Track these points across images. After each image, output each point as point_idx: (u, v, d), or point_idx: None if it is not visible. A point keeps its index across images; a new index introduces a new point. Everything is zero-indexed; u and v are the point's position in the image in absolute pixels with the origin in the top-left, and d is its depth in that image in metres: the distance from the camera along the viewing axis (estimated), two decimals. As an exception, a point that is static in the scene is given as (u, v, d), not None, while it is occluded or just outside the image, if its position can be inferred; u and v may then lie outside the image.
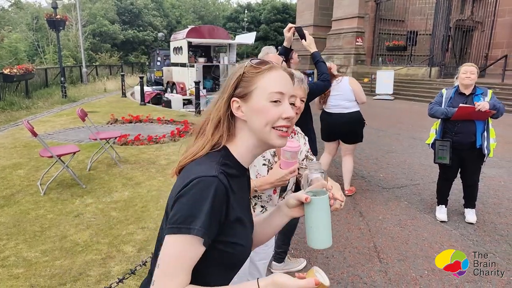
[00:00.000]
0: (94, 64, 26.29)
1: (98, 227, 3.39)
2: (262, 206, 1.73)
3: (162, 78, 15.29)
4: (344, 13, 18.03)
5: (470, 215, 3.63)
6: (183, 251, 0.80)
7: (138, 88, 13.05)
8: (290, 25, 2.69)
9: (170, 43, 13.70)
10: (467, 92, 3.42)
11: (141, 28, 37.42)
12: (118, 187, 4.39)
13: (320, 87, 2.68)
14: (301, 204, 0.96)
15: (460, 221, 3.66)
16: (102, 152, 5.32)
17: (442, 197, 3.76)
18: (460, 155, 3.48)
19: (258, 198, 1.73)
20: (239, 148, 0.92)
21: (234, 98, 0.90)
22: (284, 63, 2.54)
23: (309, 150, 1.83)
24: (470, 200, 3.65)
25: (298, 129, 1.83)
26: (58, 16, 12.37)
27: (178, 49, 12.68)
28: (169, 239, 0.81)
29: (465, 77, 3.35)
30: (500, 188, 4.54)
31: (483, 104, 3.17)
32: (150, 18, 38.46)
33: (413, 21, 17.53)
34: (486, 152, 3.36)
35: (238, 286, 0.86)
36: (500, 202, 4.11)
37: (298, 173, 1.65)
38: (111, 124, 8.59)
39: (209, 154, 0.90)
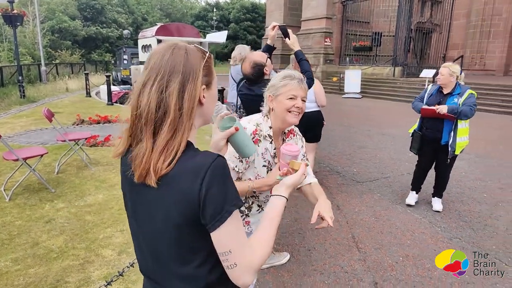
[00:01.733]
0: (54, 62, 25.04)
1: (73, 232, 3.27)
2: (258, 206, 1.76)
3: (130, 77, 14.85)
4: (313, 13, 18.40)
5: (437, 204, 3.87)
6: (238, 223, 0.86)
7: (104, 87, 12.59)
8: (274, 23, 2.73)
9: (138, 40, 13.33)
10: (446, 91, 3.60)
11: (104, 25, 36.13)
12: (91, 190, 4.25)
13: None
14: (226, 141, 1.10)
15: (428, 210, 3.88)
16: (71, 154, 5.12)
17: (415, 184, 4.05)
18: (433, 148, 3.73)
19: (256, 198, 1.75)
20: (192, 135, 0.92)
21: (203, 86, 0.91)
22: (269, 60, 2.58)
23: (305, 153, 1.85)
24: (439, 190, 3.91)
25: (296, 130, 1.83)
26: (15, 11, 11.67)
27: (147, 47, 12.37)
28: (224, 226, 0.82)
29: (437, 78, 3.64)
30: (462, 178, 4.85)
31: (441, 108, 3.43)
32: (114, 15, 37.23)
33: (377, 23, 18.22)
34: (450, 149, 3.57)
35: (268, 208, 1.03)
36: (462, 192, 4.40)
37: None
38: (77, 125, 8.25)
39: (186, 151, 0.85)
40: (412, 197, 4.03)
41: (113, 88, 12.54)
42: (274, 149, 1.63)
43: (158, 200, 0.86)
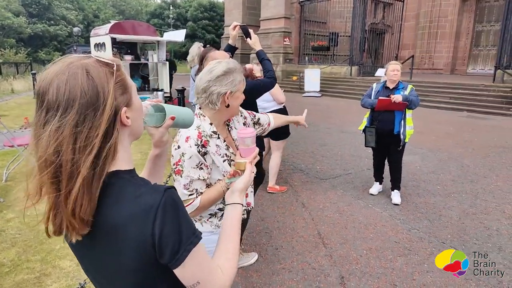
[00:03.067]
0: (-4, 61, 23.22)
1: (26, 244, 3.04)
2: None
3: (83, 77, 14.09)
4: (271, 13, 18.57)
5: (396, 197, 4.07)
6: (200, 255, 0.79)
7: (55, 88, 11.87)
8: (235, 23, 2.70)
9: (91, 38, 12.66)
10: (392, 86, 3.96)
11: (52, 22, 34.04)
12: (45, 198, 3.97)
13: (266, 84, 2.71)
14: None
15: (388, 203, 4.06)
16: (20, 160, 4.76)
17: (376, 175, 4.36)
18: (384, 140, 4.01)
19: None
20: (124, 159, 0.80)
21: (124, 109, 0.77)
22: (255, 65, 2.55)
23: (254, 117, 1.92)
24: (396, 181, 4.13)
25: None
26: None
27: (100, 46, 11.79)
28: (185, 263, 0.76)
29: (393, 74, 3.89)
30: (417, 172, 5.13)
31: (397, 97, 3.72)
32: (62, 11, 35.18)
33: (334, 23, 18.78)
34: (402, 137, 3.89)
35: (226, 219, 1.01)
36: (418, 185, 4.65)
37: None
38: (25, 128, 7.69)
39: (123, 188, 0.76)
40: (375, 188, 4.34)
41: (65, 88, 11.80)
42: (224, 141, 1.60)
43: (107, 252, 0.76)
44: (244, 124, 1.82)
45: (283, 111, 4.19)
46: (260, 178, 3.25)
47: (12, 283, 2.50)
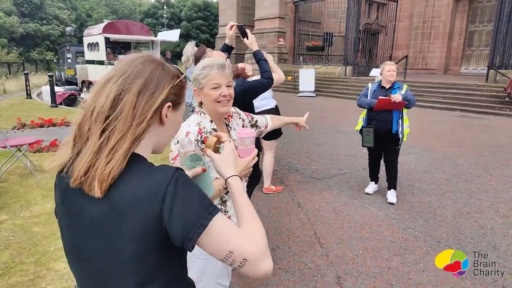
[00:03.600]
0: (-12, 61, 22.94)
1: (20, 246, 3.00)
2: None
3: (76, 77, 14.00)
4: (266, 13, 18.58)
5: (392, 196, 4.09)
6: (223, 223, 0.80)
7: (46, 88, 11.76)
8: (231, 23, 2.69)
9: (84, 38, 12.60)
10: (388, 86, 3.99)
11: (44, 21, 33.68)
12: (38, 200, 3.93)
13: (263, 85, 2.71)
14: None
15: (383, 203, 4.07)
16: (14, 161, 4.70)
17: (372, 175, 4.38)
18: (382, 139, 4.03)
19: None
20: (144, 151, 0.86)
21: (168, 103, 0.86)
22: (228, 60, 2.53)
23: (252, 119, 1.92)
24: (391, 180, 4.14)
25: (232, 109, 1.81)
26: None
27: (93, 45, 11.72)
28: (207, 235, 0.77)
29: (389, 75, 3.92)
30: (412, 171, 5.16)
31: (396, 96, 3.75)
32: (55, 11, 34.82)
33: (328, 23, 18.83)
34: (400, 136, 3.94)
35: (232, 193, 1.01)
36: (413, 184, 4.68)
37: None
38: (18, 129, 7.61)
39: (138, 165, 0.81)
40: (371, 187, 4.36)
41: (57, 88, 11.75)
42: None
43: (112, 225, 0.77)
44: (243, 126, 1.83)
45: (275, 110, 4.18)
46: (257, 178, 3.25)
47: (5, 285, 2.47)
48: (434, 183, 4.70)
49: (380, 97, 3.86)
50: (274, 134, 4.23)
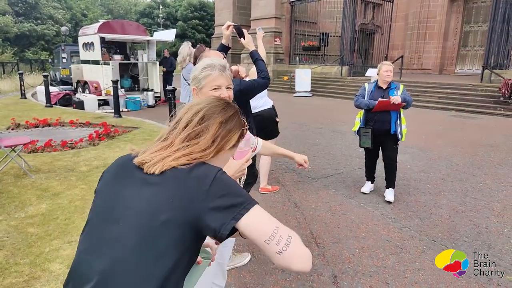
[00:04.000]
0: (-18, 61, 22.75)
1: (14, 247, 2.97)
2: None
3: (70, 76, 13.91)
4: (262, 13, 18.57)
5: (389, 195, 4.10)
6: (264, 214, 0.89)
7: (41, 88, 11.67)
8: (228, 23, 2.69)
9: (79, 38, 12.51)
10: (384, 86, 4.00)
11: (39, 21, 33.46)
12: (32, 200, 3.90)
13: (260, 84, 2.72)
14: None
15: (380, 202, 4.08)
16: (8, 161, 4.66)
17: (368, 175, 4.40)
18: (379, 140, 4.05)
19: None
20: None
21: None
22: (225, 59, 2.53)
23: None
24: (390, 179, 4.15)
25: None
26: None
27: (88, 45, 11.65)
28: (248, 219, 0.85)
29: (386, 75, 3.93)
30: (407, 171, 5.18)
31: (396, 98, 3.77)
32: (50, 10, 34.59)
33: (324, 24, 18.86)
34: (399, 136, 3.97)
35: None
36: (408, 183, 4.70)
37: None
38: (12, 129, 7.55)
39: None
40: (367, 187, 4.37)
41: (51, 88, 11.68)
42: None
43: (156, 194, 0.89)
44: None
45: (271, 110, 4.18)
46: (253, 178, 3.24)
47: (0, 287, 2.45)
48: (430, 183, 4.72)
49: (380, 99, 3.86)
50: (272, 133, 4.23)
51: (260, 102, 4.11)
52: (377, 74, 4.05)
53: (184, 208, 0.86)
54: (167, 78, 12.28)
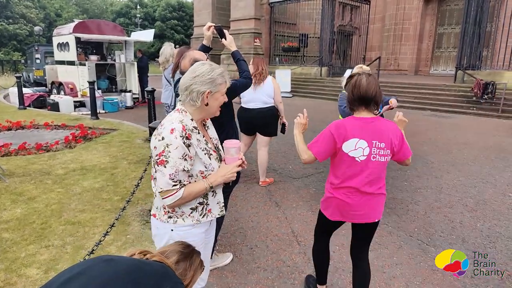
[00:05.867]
0: (-51, 62, 21.71)
1: (-13, 253, 2.87)
2: (213, 191, 1.76)
3: (45, 78, 13.50)
4: (241, 14, 18.57)
5: None
6: None
7: (14, 89, 11.29)
8: (209, 23, 2.69)
9: (53, 38, 12.16)
10: None
11: (10, 20, 32.26)
12: (7, 205, 3.77)
13: (242, 84, 2.73)
14: None
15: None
16: (-21, 165, 4.48)
17: None
18: None
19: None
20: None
21: None
22: (208, 59, 2.53)
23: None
24: None
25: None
26: None
27: (63, 45, 11.34)
28: None
29: None
30: (386, 169, 5.30)
31: (395, 101, 3.66)
32: (22, 9, 33.40)
33: (303, 25, 19.05)
34: None
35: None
36: (386, 181, 4.66)
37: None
38: (-16, 131, 7.26)
39: None
40: None
41: (25, 90, 11.30)
42: (203, 137, 1.71)
43: None
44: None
45: (275, 109, 4.50)
46: (236, 180, 3.23)
47: (-29, 296, 2.36)
48: (407, 180, 4.86)
49: (386, 106, 3.65)
50: (275, 130, 4.56)
51: (271, 100, 4.42)
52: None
53: None
54: (143, 78, 12.05)
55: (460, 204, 4.10)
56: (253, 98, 4.34)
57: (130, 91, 11.58)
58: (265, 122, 4.44)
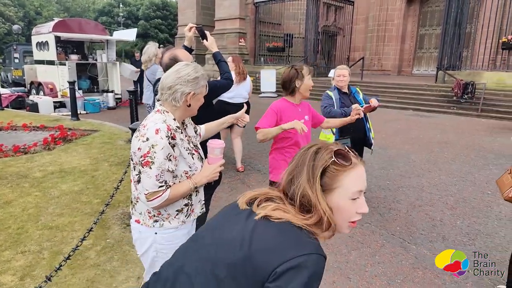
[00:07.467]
0: None
1: (-42, 261, 2.75)
2: (196, 191, 1.77)
3: (23, 78, 13.14)
4: (226, 13, 18.50)
5: None
6: None
7: (-8, 90, 10.94)
8: (190, 24, 2.66)
9: (32, 37, 11.85)
10: (345, 91, 3.84)
11: (-12, 18, 31.31)
12: None
13: (223, 85, 2.73)
14: None
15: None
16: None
17: None
18: (355, 149, 3.80)
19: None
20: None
21: None
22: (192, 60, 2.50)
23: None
24: None
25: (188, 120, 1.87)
26: None
27: (43, 45, 11.05)
28: None
29: (339, 80, 3.78)
30: (368, 168, 5.35)
31: (375, 101, 3.61)
32: (0, 7, 32.45)
33: (288, 25, 19.11)
34: (373, 141, 3.92)
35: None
36: (369, 180, 4.85)
37: None
38: (-43, 134, 7.00)
39: (304, 231, 0.89)
40: None
41: (3, 90, 10.98)
42: (185, 136, 1.71)
43: (242, 232, 0.90)
44: (196, 130, 1.92)
45: (243, 106, 4.44)
46: (218, 181, 3.21)
47: None
48: (389, 179, 4.91)
49: (366, 105, 3.58)
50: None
51: (248, 94, 5.01)
52: (333, 79, 3.89)
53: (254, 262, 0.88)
54: (140, 80, 11.85)
55: (441, 202, 4.17)
56: (236, 94, 4.82)
57: (112, 91, 11.37)
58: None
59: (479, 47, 12.20)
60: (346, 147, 0.97)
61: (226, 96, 4.73)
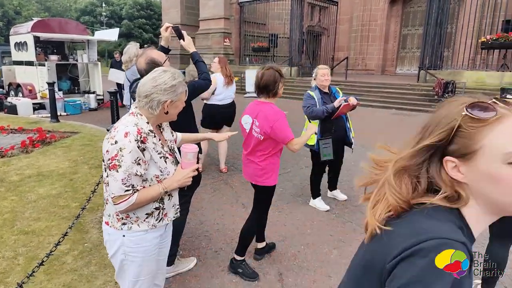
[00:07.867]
0: None
1: None
2: (168, 195, 1.74)
3: (1, 79, 12.77)
4: (211, 13, 18.41)
5: (341, 194, 4.26)
6: None
7: (-32, 92, 10.60)
8: (167, 24, 2.63)
9: (10, 37, 11.54)
10: (326, 91, 3.88)
11: (-35, 18, 30.42)
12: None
13: (201, 86, 2.71)
14: None
15: (325, 199, 4.19)
16: None
17: (319, 189, 4.09)
18: (336, 148, 3.83)
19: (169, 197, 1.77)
20: (471, 214, 0.76)
21: (447, 158, 0.74)
22: (167, 61, 2.46)
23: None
24: (336, 183, 4.29)
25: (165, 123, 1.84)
26: None
27: (21, 45, 10.77)
28: None
29: (324, 80, 3.78)
30: (351, 167, 5.39)
31: (353, 99, 3.66)
32: (-22, 7, 31.58)
33: (273, 25, 19.15)
34: (353, 141, 3.97)
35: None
36: (351, 179, 4.89)
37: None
38: None
39: (439, 208, 0.74)
40: (323, 202, 4.06)
41: (-20, 92, 10.63)
42: (159, 140, 1.67)
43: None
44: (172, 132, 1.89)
45: (232, 105, 5.12)
46: (197, 182, 3.18)
47: None
48: (371, 177, 4.95)
49: (344, 103, 3.62)
50: (228, 122, 5.12)
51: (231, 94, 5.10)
52: (314, 79, 3.88)
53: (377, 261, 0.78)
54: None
55: (421, 199, 4.22)
56: (225, 96, 5.01)
57: (94, 92, 11.17)
58: (233, 114, 5.14)
59: (459, 47, 12.46)
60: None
61: (216, 99, 4.94)
